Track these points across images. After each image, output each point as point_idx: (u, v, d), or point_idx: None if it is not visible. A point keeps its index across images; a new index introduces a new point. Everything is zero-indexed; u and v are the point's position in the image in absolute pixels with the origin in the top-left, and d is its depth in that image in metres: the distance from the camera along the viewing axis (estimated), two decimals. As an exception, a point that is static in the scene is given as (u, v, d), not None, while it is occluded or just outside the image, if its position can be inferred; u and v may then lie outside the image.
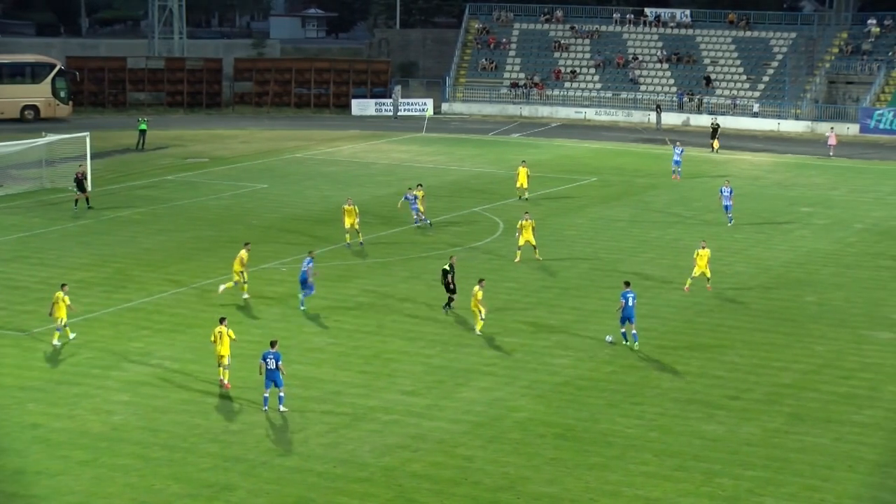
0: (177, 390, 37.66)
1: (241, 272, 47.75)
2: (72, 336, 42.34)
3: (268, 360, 35.76)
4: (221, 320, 38.44)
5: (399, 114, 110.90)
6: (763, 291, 50.66)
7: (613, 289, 49.25)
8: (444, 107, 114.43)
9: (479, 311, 43.59)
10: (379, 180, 74.19)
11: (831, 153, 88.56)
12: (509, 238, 57.76)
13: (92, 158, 71.94)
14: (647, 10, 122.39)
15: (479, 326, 43.82)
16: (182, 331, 43.74)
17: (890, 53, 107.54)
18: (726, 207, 62.75)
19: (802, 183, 77.46)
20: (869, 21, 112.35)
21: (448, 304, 46.22)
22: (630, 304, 42.45)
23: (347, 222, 56.48)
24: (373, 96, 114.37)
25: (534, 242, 53.98)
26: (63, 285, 43.00)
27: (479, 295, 43.55)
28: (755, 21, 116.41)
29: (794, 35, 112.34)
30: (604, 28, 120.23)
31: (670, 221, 63.88)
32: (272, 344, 36.21)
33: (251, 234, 59.55)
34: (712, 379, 39.53)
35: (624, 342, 42.75)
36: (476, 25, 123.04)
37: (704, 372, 40.21)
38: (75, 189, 65.03)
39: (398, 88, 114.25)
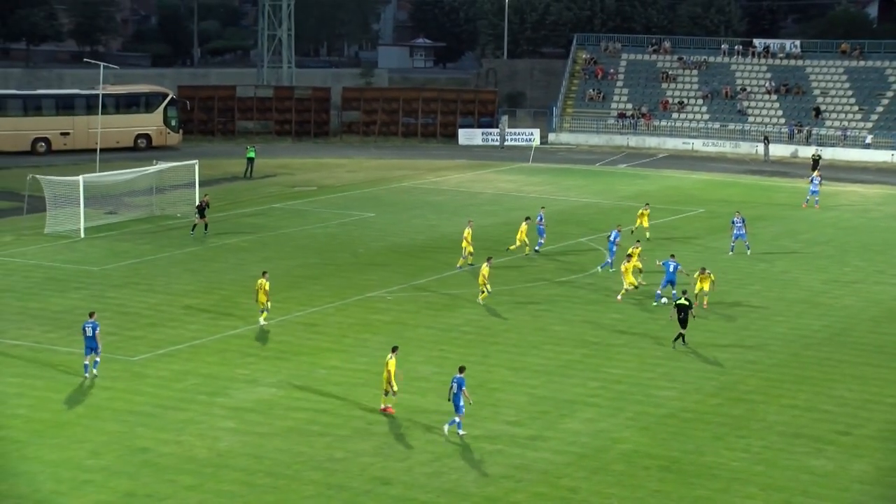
0: (281, 418, 37.88)
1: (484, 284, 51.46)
2: (262, 322, 47.49)
3: (453, 384, 36.23)
4: (393, 349, 38.68)
5: (506, 143, 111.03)
6: (873, 325, 49.86)
7: (720, 321, 48.76)
8: (551, 137, 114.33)
9: (485, 286, 51.20)
10: (485, 210, 74.24)
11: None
12: (616, 270, 57.80)
13: (200, 186, 72.86)
14: (756, 41, 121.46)
15: (482, 297, 51.38)
16: (287, 358, 44.02)
17: None
18: (740, 236, 62.27)
19: (916, 216, 76.23)
20: None
21: (681, 338, 45.95)
22: (672, 270, 51.19)
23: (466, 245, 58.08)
24: (480, 126, 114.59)
25: (633, 276, 53.20)
26: (264, 272, 47.72)
27: (486, 272, 51.06)
28: (869, 50, 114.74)
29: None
30: (712, 59, 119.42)
31: (778, 253, 63.17)
32: (460, 369, 36.64)
33: (357, 262, 59.92)
34: (820, 413, 38.94)
35: (665, 301, 51.13)
36: (583, 56, 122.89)
37: (812, 406, 39.63)
38: (196, 215, 66.17)
39: (505, 118, 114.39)
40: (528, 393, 40.49)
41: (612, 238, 57.99)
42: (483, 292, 51.57)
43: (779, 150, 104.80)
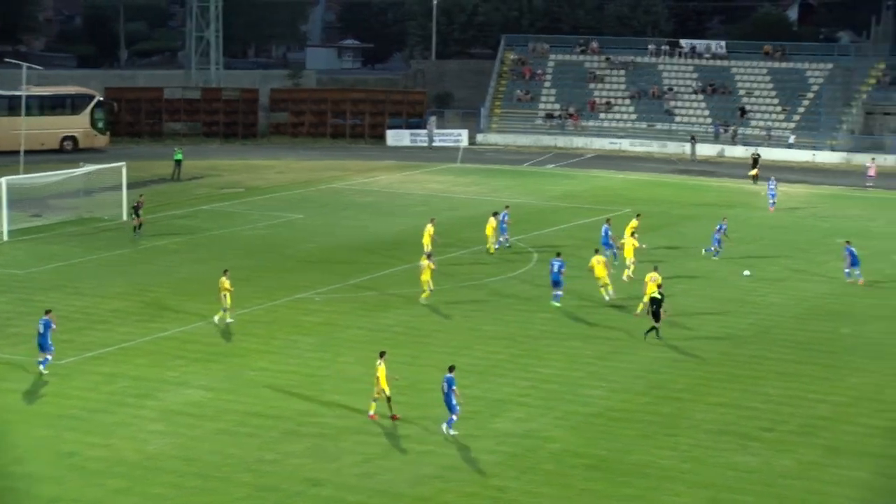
0: (211, 420, 37.77)
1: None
2: (228, 320, 48.04)
3: (444, 384, 36.57)
4: (381, 354, 38.30)
5: (434, 144, 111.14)
6: (798, 323, 50.49)
7: (650, 320, 49.13)
8: (480, 137, 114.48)
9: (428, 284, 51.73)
10: (415, 210, 74.29)
11: (869, 183, 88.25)
12: (544, 268, 57.99)
13: (129, 188, 72.35)
14: (683, 42, 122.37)
15: (424, 296, 51.81)
16: (217, 360, 43.88)
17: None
18: (714, 240, 62.56)
19: (839, 214, 77.18)
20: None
21: (654, 330, 46.97)
22: (556, 270, 51.65)
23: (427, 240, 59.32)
24: (408, 127, 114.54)
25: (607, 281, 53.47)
26: (225, 270, 48.62)
27: (430, 267, 51.71)
28: (791, 52, 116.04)
29: (830, 66, 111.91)
30: (639, 59, 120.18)
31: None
32: (450, 368, 37.03)
33: (287, 263, 59.79)
34: (747, 410, 39.38)
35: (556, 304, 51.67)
36: (512, 57, 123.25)
37: (739, 403, 40.07)
38: (134, 215, 65.97)
39: (433, 119, 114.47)
40: (460, 393, 40.51)
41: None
42: (425, 291, 51.70)
43: (705, 150, 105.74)
